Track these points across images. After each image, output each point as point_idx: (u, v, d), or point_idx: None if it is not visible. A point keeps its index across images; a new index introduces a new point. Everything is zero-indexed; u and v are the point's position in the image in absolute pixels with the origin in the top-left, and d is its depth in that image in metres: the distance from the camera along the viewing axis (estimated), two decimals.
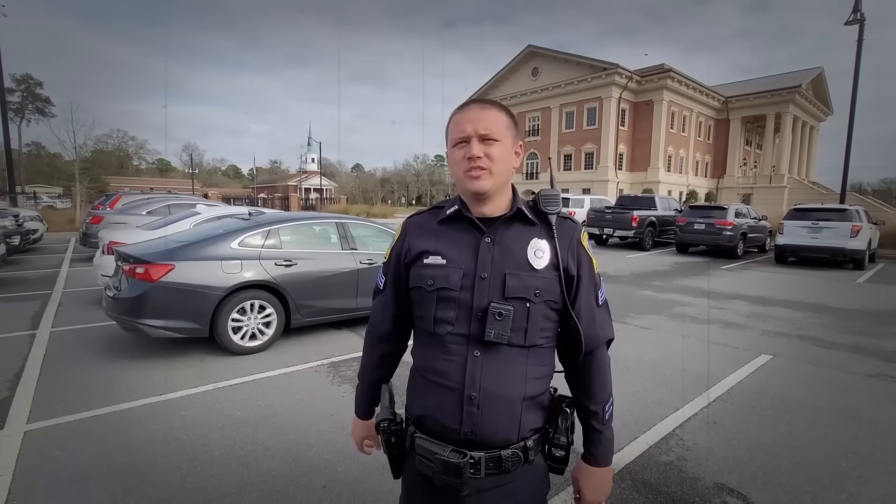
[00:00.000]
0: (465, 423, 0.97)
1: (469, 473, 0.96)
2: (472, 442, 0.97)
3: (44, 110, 48.61)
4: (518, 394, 0.99)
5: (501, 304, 0.96)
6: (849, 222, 10.63)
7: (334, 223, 5.37)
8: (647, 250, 14.14)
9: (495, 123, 0.98)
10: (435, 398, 1.02)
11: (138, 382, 3.58)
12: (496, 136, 0.98)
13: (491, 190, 0.99)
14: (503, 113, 1.01)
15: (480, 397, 0.97)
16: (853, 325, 5.74)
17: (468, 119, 0.98)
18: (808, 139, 43.52)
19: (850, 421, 3.16)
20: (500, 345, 0.97)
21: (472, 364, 0.98)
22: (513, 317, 0.96)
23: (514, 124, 1.03)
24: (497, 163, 0.98)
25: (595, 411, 1.06)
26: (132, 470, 2.42)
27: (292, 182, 68.54)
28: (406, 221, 1.15)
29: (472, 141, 0.97)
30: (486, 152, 0.97)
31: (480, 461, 0.96)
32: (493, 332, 0.96)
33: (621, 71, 33.55)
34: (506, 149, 1.00)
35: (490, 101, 1.03)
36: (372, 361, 1.21)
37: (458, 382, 0.98)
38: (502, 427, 0.98)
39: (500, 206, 1.03)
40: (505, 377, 0.98)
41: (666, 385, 3.72)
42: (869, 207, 16.30)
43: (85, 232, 10.36)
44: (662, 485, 2.40)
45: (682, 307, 6.64)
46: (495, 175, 0.98)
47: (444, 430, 1.00)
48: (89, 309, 5.85)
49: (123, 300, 4.00)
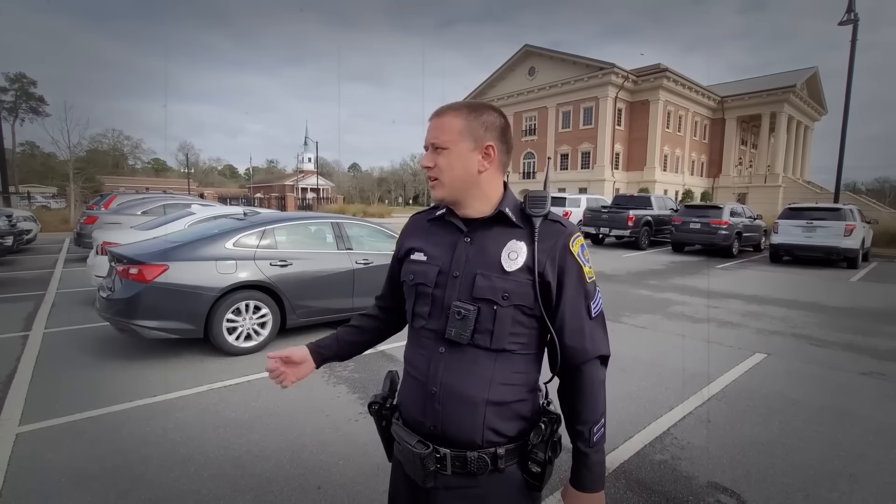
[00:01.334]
0: (428, 417, 0.99)
1: (434, 467, 0.97)
2: (437, 436, 0.99)
3: (37, 109, 48.26)
4: (480, 396, 0.96)
5: (463, 304, 0.96)
6: (843, 221, 10.70)
7: (330, 223, 5.36)
8: (643, 249, 14.18)
9: (444, 130, 0.98)
10: (408, 389, 1.07)
11: (132, 384, 3.56)
12: (443, 144, 0.98)
13: (447, 198, 1.01)
14: (458, 118, 0.98)
15: (441, 393, 0.98)
16: (847, 324, 5.77)
17: (428, 128, 1.01)
18: (803, 138, 43.79)
19: (843, 419, 3.18)
20: (462, 344, 0.97)
21: (436, 360, 1.00)
22: (476, 317, 0.95)
23: (474, 127, 0.98)
24: (445, 171, 0.98)
25: (581, 431, 0.99)
26: (125, 472, 2.40)
27: (289, 182, 68.36)
28: (409, 218, 1.21)
29: (428, 151, 1.01)
30: (435, 161, 0.99)
31: (447, 458, 0.97)
32: (454, 331, 0.97)
33: (617, 70, 33.65)
34: (456, 155, 0.97)
35: (449, 107, 1.01)
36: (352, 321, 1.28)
37: (424, 376, 1.02)
38: (464, 427, 0.96)
39: (480, 208, 1.02)
40: (467, 378, 0.97)
41: (661, 384, 3.73)
42: (863, 206, 16.43)
43: (79, 232, 10.28)
44: (657, 484, 2.41)
45: (678, 306, 6.66)
46: (447, 184, 0.99)
47: (413, 420, 1.03)
48: (83, 310, 5.81)
49: (117, 301, 3.98)
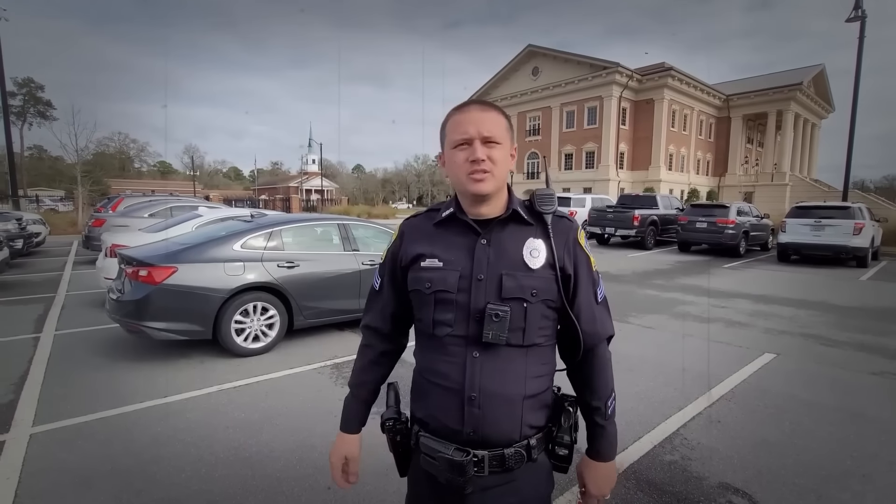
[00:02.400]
0: (467, 423, 0.98)
1: (473, 471, 0.97)
2: (475, 441, 0.99)
3: (45, 113, 48.78)
4: (518, 393, 0.99)
5: (498, 305, 0.97)
6: (851, 220, 10.60)
7: (336, 224, 5.38)
8: (648, 249, 14.12)
9: (497, 126, 0.99)
10: (437, 399, 1.03)
11: (142, 385, 3.59)
12: (498, 139, 0.99)
13: (493, 192, 1.00)
14: (502, 116, 1.03)
15: (481, 398, 0.98)
16: (856, 324, 5.72)
17: (470, 121, 0.99)
18: (810, 137, 43.40)
19: (854, 419, 3.15)
20: (499, 345, 0.98)
21: (471, 365, 0.99)
22: (510, 317, 0.97)
23: (510, 127, 1.05)
24: (499, 165, 0.99)
25: (597, 407, 1.07)
26: (137, 472, 2.43)
27: (293, 183, 68.67)
28: (403, 224, 1.16)
29: (475, 143, 0.97)
30: (489, 155, 0.98)
31: (484, 459, 0.98)
32: (491, 333, 0.97)
33: (622, 70, 33.51)
34: (505, 152, 1.01)
35: (489, 104, 1.03)
36: (370, 359, 1.18)
37: (458, 384, 0.99)
38: (504, 426, 0.99)
39: (496, 207, 1.04)
40: (504, 377, 0.99)
41: (669, 384, 3.72)
42: (871, 205, 16.28)
43: (87, 235, 10.38)
44: (667, 484, 2.40)
45: (685, 306, 6.63)
46: (497, 177, 0.99)
47: (447, 430, 1.01)
48: (93, 312, 5.86)
49: (127, 303, 4.01)
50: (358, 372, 1.20)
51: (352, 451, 1.16)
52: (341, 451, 1.16)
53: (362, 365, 1.19)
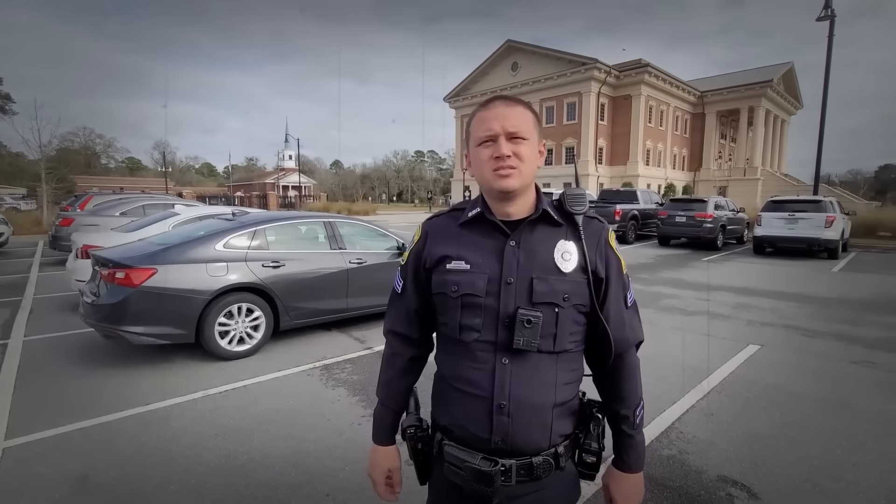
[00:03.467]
0: (496, 431, 0.94)
1: (500, 481, 0.93)
2: (503, 450, 0.95)
3: (3, 108, 46.43)
4: (549, 401, 0.96)
5: (530, 311, 0.93)
6: (823, 213, 10.97)
7: (322, 222, 5.25)
8: (630, 243, 14.36)
9: (522, 121, 0.95)
10: (463, 407, 0.99)
11: (123, 392, 3.43)
12: (524, 135, 0.94)
13: (519, 189, 0.96)
14: (529, 111, 0.98)
15: (510, 406, 0.94)
16: (834, 314, 5.91)
17: (494, 116, 0.94)
18: (780, 132, 44.88)
19: (840, 409, 3.23)
20: (529, 352, 0.94)
21: (500, 372, 0.95)
22: (542, 323, 0.93)
23: (538, 122, 1.00)
24: (525, 161, 0.95)
25: (626, 416, 1.04)
26: (122, 485, 2.30)
27: (270, 180, 67.30)
28: (426, 224, 1.11)
29: (500, 139, 0.93)
30: (514, 151, 0.93)
31: (511, 469, 0.94)
32: (523, 340, 0.93)
33: (600, 66, 33.92)
34: (533, 147, 0.97)
35: (516, 99, 0.99)
36: (401, 368, 1.12)
37: (486, 391, 0.95)
38: (533, 435, 0.96)
39: (524, 206, 1.00)
40: (535, 385, 0.96)
41: (663, 379, 3.75)
42: (838, 198, 16.94)
43: (55, 234, 9.92)
44: (668, 479, 2.41)
45: (670, 299, 6.74)
46: (524, 174, 0.95)
47: (473, 438, 0.97)
48: (64, 316, 5.59)
49: (103, 306, 3.82)
50: (389, 383, 1.14)
51: (394, 463, 1.12)
52: (384, 465, 1.11)
53: (393, 375, 1.13)
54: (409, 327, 1.11)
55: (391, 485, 1.12)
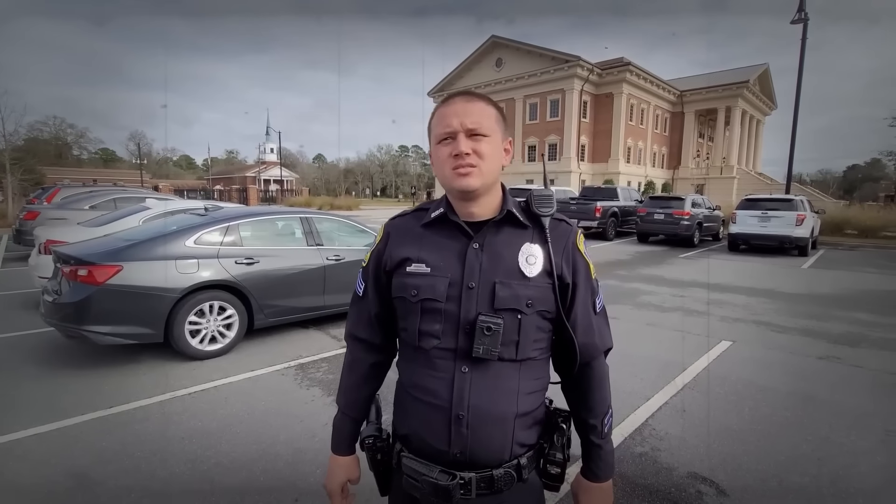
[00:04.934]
0: (454, 443, 0.90)
1: (459, 495, 0.89)
2: (462, 463, 0.91)
3: None
4: (510, 411, 0.92)
5: (490, 318, 0.89)
6: (794, 211, 11.29)
7: (298, 218, 5.15)
8: (610, 240, 14.54)
9: (483, 117, 0.90)
10: (421, 417, 0.94)
11: (85, 395, 3.29)
12: (485, 131, 0.90)
13: (480, 188, 0.91)
14: (491, 106, 0.94)
15: (469, 416, 0.90)
16: (802, 309, 6.08)
17: (454, 112, 0.90)
18: (755, 132, 46.03)
19: (806, 403, 3.31)
20: (490, 360, 0.90)
21: (459, 381, 0.91)
22: (503, 330, 0.89)
23: (502, 118, 0.96)
24: (486, 159, 0.90)
25: (594, 425, 1.01)
26: (79, 495, 2.20)
27: (250, 173, 65.99)
28: (388, 224, 1.05)
29: (459, 136, 0.89)
30: (474, 148, 0.89)
31: (471, 482, 0.90)
32: (482, 348, 0.88)
33: (583, 63, 34.17)
34: (495, 144, 0.92)
35: (477, 94, 0.94)
36: (362, 374, 1.07)
37: (445, 401, 0.91)
38: (494, 447, 0.91)
39: (489, 206, 0.95)
40: (496, 394, 0.91)
41: (636, 375, 3.79)
42: (809, 197, 17.45)
43: (19, 229, 9.51)
44: (639, 477, 2.42)
45: (646, 296, 6.83)
46: (485, 173, 0.90)
47: (431, 450, 0.93)
48: (26, 314, 5.36)
49: (65, 305, 3.66)
50: (349, 390, 1.08)
51: (353, 474, 1.07)
52: (341, 477, 1.05)
53: (353, 382, 1.08)
54: (370, 332, 1.06)
55: (345, 495, 1.06)
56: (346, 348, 1.11)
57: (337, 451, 1.07)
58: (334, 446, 1.07)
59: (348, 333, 1.09)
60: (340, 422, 1.08)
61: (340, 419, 1.08)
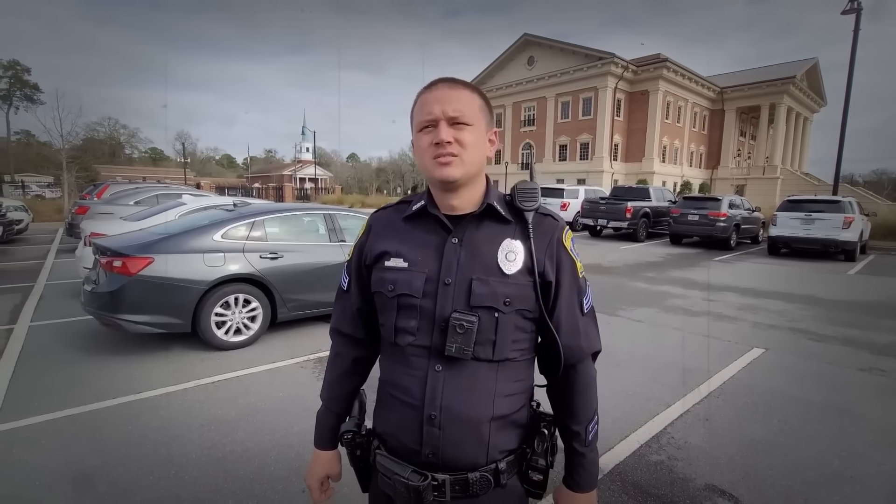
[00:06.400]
0: (426, 444, 0.88)
1: (432, 497, 0.87)
2: (435, 464, 0.89)
3: (32, 97, 47.45)
4: (485, 414, 0.89)
5: (464, 315, 0.86)
6: (841, 214, 10.62)
7: (322, 214, 5.25)
8: (640, 241, 14.12)
9: (466, 105, 0.87)
10: (396, 415, 0.93)
11: (116, 380, 3.47)
12: (468, 120, 0.86)
13: (462, 179, 0.88)
14: (475, 94, 0.90)
15: (442, 417, 0.87)
16: (844, 318, 5.72)
17: (436, 99, 0.86)
18: (802, 130, 43.59)
19: (842, 417, 3.11)
20: (466, 360, 0.87)
21: (432, 380, 0.88)
22: (478, 328, 0.86)
23: (487, 107, 0.92)
24: (469, 149, 0.86)
25: (577, 432, 0.96)
26: (103, 475, 2.32)
27: (287, 172, 67.79)
28: (371, 217, 1.04)
29: (441, 124, 0.85)
30: (456, 137, 0.85)
31: (445, 484, 0.88)
32: (455, 346, 0.86)
33: (617, 60, 33.28)
34: (478, 134, 0.88)
35: (460, 81, 0.91)
36: (344, 369, 1.07)
37: (417, 400, 0.89)
38: (468, 450, 0.88)
39: (471, 199, 0.92)
40: (470, 395, 0.88)
41: (657, 380, 3.67)
42: (860, 199, 16.34)
43: (71, 222, 10.14)
44: (653, 486, 2.34)
45: (675, 299, 6.59)
46: (466, 163, 0.87)
47: (405, 449, 0.91)
48: (72, 302, 5.69)
49: (101, 294, 3.87)
50: (332, 385, 1.08)
51: (333, 470, 1.07)
52: (320, 472, 1.06)
53: (336, 376, 1.08)
54: (353, 327, 1.05)
55: (324, 492, 1.06)
56: (331, 343, 1.11)
57: (318, 446, 1.07)
58: (316, 441, 1.08)
59: (332, 328, 1.09)
60: (323, 416, 1.08)
61: (323, 413, 1.08)
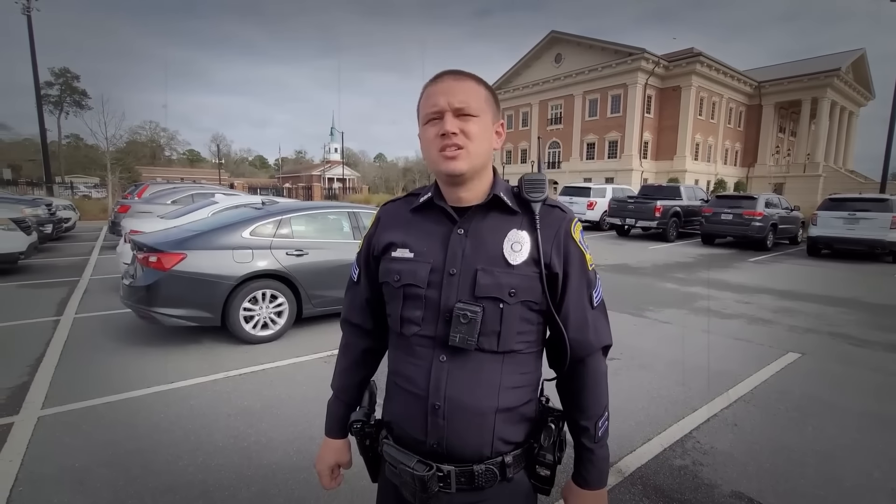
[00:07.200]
0: (431, 434, 0.89)
1: (437, 487, 0.88)
2: (440, 454, 0.89)
3: (81, 103, 50.21)
4: (490, 405, 0.89)
5: (469, 305, 0.86)
6: (889, 213, 10.01)
7: (346, 212, 5.34)
8: (670, 241, 13.72)
9: (472, 96, 0.87)
10: (402, 404, 0.94)
11: (151, 370, 3.64)
12: (473, 111, 0.86)
13: (468, 171, 0.88)
14: (481, 85, 0.90)
15: (446, 407, 0.88)
16: (889, 323, 5.40)
17: (441, 91, 0.87)
18: (847, 125, 41.32)
19: (884, 426, 2.95)
20: (469, 350, 0.87)
21: (437, 370, 0.89)
22: (482, 319, 0.86)
23: (493, 99, 0.92)
24: (475, 140, 0.86)
25: (586, 427, 0.95)
26: (136, 459, 2.44)
27: (316, 172, 69.21)
28: (381, 209, 1.06)
29: (446, 116, 0.85)
30: (462, 128, 0.85)
31: (450, 475, 0.88)
32: (458, 337, 0.86)
33: (648, 56, 32.39)
34: (484, 125, 0.88)
35: (466, 72, 0.91)
36: (354, 359, 1.09)
37: (422, 389, 0.90)
38: (472, 441, 0.89)
39: (478, 191, 0.92)
40: (475, 386, 0.88)
41: (685, 383, 3.56)
42: None
43: (114, 220, 10.66)
44: (675, 491, 2.28)
45: (705, 300, 6.38)
46: (473, 155, 0.87)
47: (410, 439, 0.92)
48: (113, 296, 5.98)
49: (138, 288, 4.06)
50: (342, 374, 1.11)
51: (342, 458, 1.10)
52: (330, 460, 1.08)
53: (345, 366, 1.11)
54: (363, 317, 1.07)
55: (334, 478, 1.09)
56: (342, 333, 1.13)
57: (329, 434, 1.10)
58: (327, 429, 1.10)
59: (343, 319, 1.12)
60: (333, 405, 1.11)
61: (334, 402, 1.11)
